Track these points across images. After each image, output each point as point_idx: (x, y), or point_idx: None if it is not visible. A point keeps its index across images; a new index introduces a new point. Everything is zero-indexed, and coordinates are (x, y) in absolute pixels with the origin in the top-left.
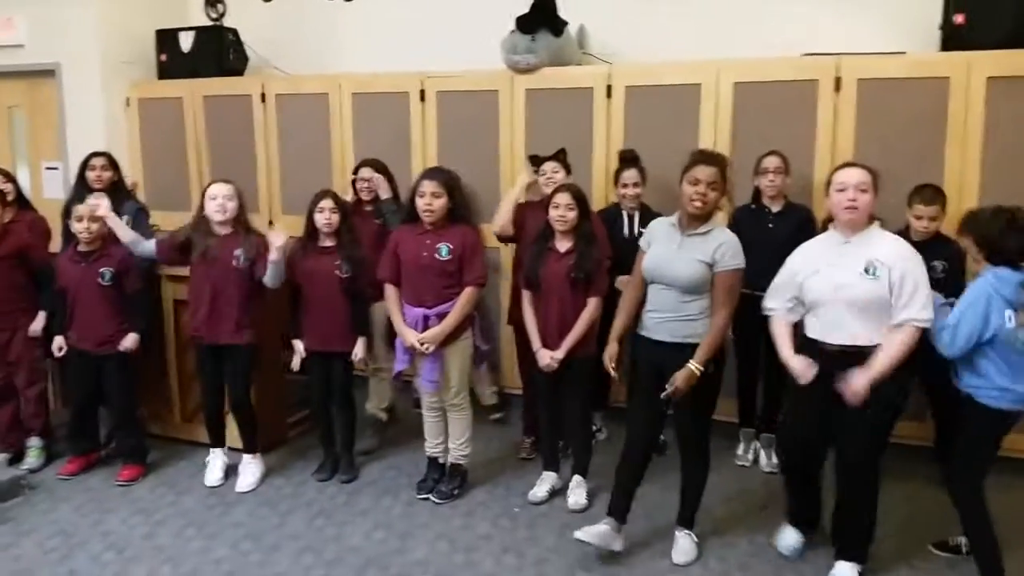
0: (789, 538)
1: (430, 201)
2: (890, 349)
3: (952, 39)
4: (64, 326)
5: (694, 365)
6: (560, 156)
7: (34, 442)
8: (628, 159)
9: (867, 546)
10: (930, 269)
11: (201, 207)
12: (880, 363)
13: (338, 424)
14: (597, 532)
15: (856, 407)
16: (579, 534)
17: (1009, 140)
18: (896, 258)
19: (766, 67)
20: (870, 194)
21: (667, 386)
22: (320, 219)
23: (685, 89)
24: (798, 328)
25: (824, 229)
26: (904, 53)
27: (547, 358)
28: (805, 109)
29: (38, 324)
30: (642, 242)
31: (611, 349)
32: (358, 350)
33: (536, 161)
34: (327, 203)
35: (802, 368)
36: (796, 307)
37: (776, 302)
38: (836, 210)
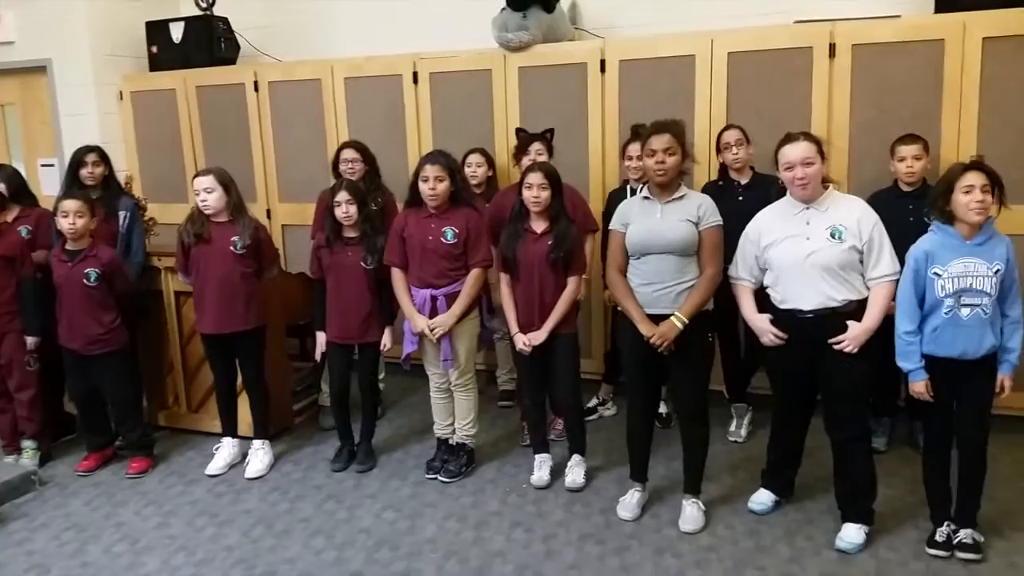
0: (763, 496)
1: (434, 185)
2: (876, 307)
3: (946, 0)
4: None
5: (677, 317)
6: (546, 136)
7: (28, 443)
8: (637, 133)
9: (871, 506)
10: (924, 215)
11: None
12: (872, 317)
13: (363, 412)
14: (632, 504)
15: (843, 359)
16: (622, 515)
17: (1005, 100)
18: (856, 220)
19: (760, 36)
20: (817, 164)
21: (653, 341)
22: (339, 213)
23: (679, 61)
24: (765, 302)
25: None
26: (898, 16)
27: (521, 342)
28: (800, 77)
29: (32, 344)
30: (613, 224)
31: (763, 323)
32: (386, 340)
33: (522, 136)
34: (343, 195)
35: (766, 327)
36: (759, 277)
37: (744, 272)
38: (789, 187)
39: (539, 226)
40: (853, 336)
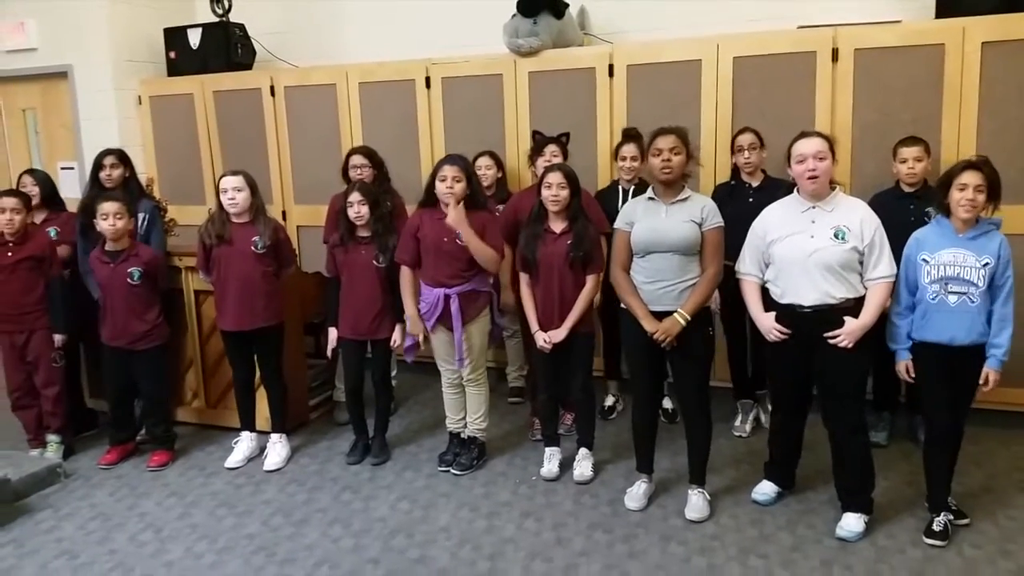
0: (766, 487)
1: (451, 185)
2: (872, 305)
3: (946, 6)
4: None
5: (680, 314)
6: (561, 140)
7: (52, 438)
8: (630, 135)
9: (870, 496)
10: (924, 215)
11: (218, 198)
12: (868, 314)
13: (376, 407)
14: (639, 494)
15: (840, 355)
16: (629, 505)
17: (1004, 103)
18: (859, 222)
19: (764, 41)
20: (828, 160)
21: (656, 337)
22: (351, 213)
23: (686, 65)
24: (766, 297)
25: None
26: (899, 22)
27: (542, 340)
28: (804, 81)
29: (59, 341)
30: (618, 223)
31: (768, 322)
32: (396, 336)
33: (538, 138)
34: (355, 196)
35: (770, 325)
36: (764, 272)
37: (751, 267)
38: (799, 180)
39: (558, 226)
40: (849, 331)
